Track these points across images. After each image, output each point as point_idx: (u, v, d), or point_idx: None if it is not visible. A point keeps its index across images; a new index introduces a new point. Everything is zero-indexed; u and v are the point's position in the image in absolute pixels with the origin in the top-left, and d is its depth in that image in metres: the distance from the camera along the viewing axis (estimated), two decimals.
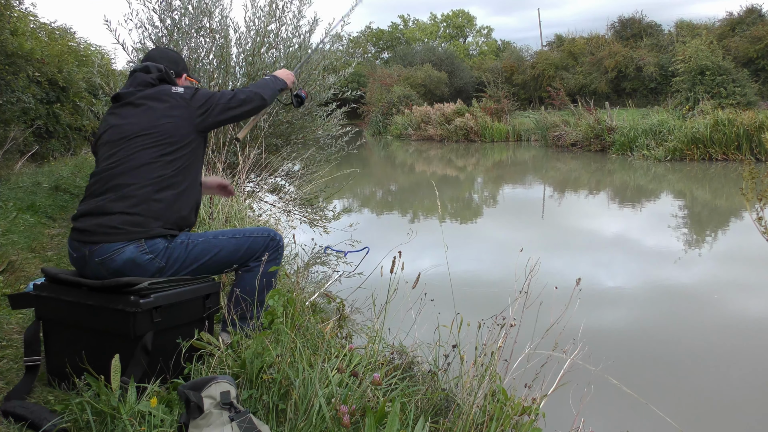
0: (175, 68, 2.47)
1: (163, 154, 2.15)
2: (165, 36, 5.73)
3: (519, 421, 1.85)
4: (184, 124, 2.22)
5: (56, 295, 2.06)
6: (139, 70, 2.38)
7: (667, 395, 2.93)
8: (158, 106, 2.22)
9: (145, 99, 2.25)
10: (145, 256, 2.07)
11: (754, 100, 17.68)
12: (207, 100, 2.28)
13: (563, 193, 10.52)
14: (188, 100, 2.26)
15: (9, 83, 7.03)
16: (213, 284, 2.24)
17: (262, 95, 2.45)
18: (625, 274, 5.12)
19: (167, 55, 2.54)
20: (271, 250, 2.33)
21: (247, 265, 2.31)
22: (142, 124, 2.18)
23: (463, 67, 38.26)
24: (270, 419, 1.78)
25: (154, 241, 2.09)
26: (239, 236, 2.30)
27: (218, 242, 2.25)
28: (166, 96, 2.25)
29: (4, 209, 5.25)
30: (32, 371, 2.06)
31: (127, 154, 2.14)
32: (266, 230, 2.39)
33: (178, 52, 2.71)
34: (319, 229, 6.16)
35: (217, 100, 2.31)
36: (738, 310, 4.18)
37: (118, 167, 2.13)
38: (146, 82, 2.32)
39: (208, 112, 2.27)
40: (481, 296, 4.38)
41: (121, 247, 2.05)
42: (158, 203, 2.11)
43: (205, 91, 2.33)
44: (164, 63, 2.43)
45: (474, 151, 18.51)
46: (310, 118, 6.36)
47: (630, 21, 31.56)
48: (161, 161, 2.15)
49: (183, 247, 2.16)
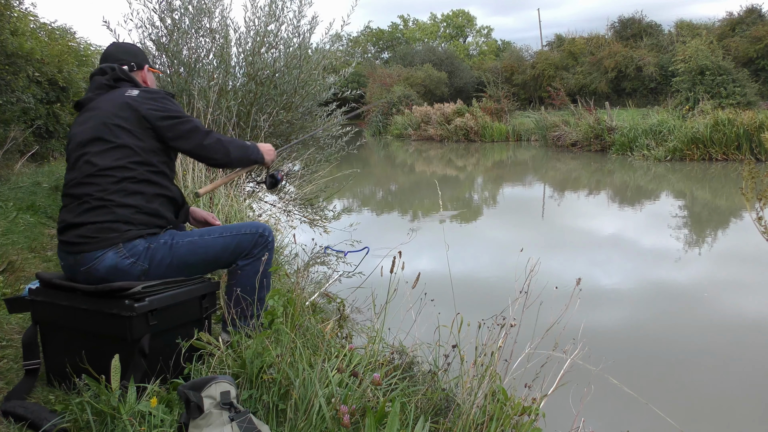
0: (135, 60, 2.35)
1: (125, 157, 2.08)
2: (165, 36, 5.73)
3: (519, 421, 1.85)
4: (139, 129, 2.12)
5: (51, 300, 2.06)
6: (95, 73, 2.29)
7: (668, 395, 2.93)
8: (110, 109, 2.13)
9: (100, 103, 2.17)
10: (125, 261, 2.03)
11: (754, 100, 17.68)
12: (172, 115, 2.17)
13: (563, 193, 10.52)
14: (142, 102, 2.14)
15: (9, 83, 7.03)
16: (209, 284, 2.23)
17: (230, 153, 2.30)
18: (625, 274, 5.12)
19: (124, 49, 2.41)
20: (260, 246, 2.29)
21: (238, 263, 2.26)
22: (96, 129, 2.11)
23: (463, 67, 38.26)
24: (270, 419, 1.78)
25: (132, 243, 2.05)
26: (226, 234, 2.24)
27: (204, 242, 2.20)
28: (120, 98, 2.15)
29: (4, 209, 5.25)
30: (32, 374, 2.06)
31: (87, 161, 2.08)
32: (254, 225, 2.31)
33: (136, 44, 2.57)
34: (319, 229, 6.16)
35: (183, 124, 2.19)
36: (737, 310, 4.18)
37: (81, 176, 2.08)
38: (102, 85, 2.23)
39: (167, 128, 2.16)
40: (481, 296, 4.38)
41: (101, 255, 2.02)
42: (128, 208, 2.06)
43: (174, 107, 2.21)
44: (123, 58, 2.32)
45: (474, 151, 18.51)
46: (310, 118, 6.36)
47: (630, 21, 31.56)
48: (124, 165, 2.07)
49: (167, 248, 2.11)
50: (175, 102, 2.26)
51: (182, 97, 5.51)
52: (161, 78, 5.76)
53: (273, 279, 3.22)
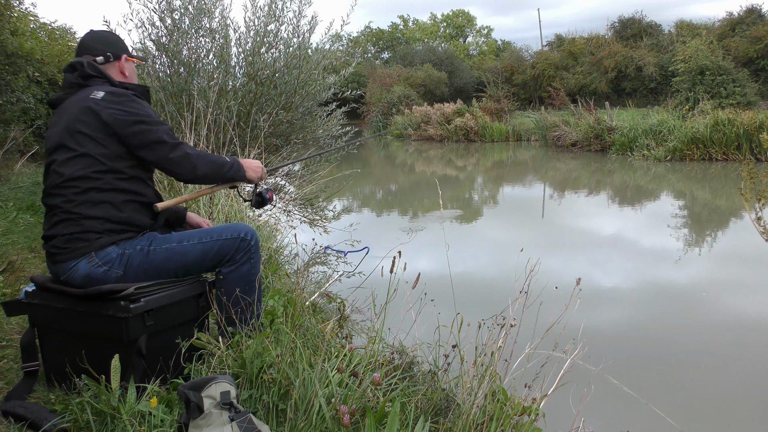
0: (110, 50, 2.17)
1: (88, 167, 1.97)
2: (165, 36, 5.73)
3: (519, 421, 1.85)
4: (102, 134, 1.99)
5: (47, 303, 2.06)
6: (66, 69, 2.13)
7: (668, 395, 2.93)
8: (74, 114, 2.00)
9: (67, 105, 2.05)
10: (98, 269, 1.98)
11: (754, 100, 17.67)
12: (136, 121, 2.01)
13: (563, 193, 10.52)
14: (105, 107, 1.99)
15: (9, 83, 7.03)
16: (204, 283, 2.20)
17: (197, 169, 2.10)
18: (625, 273, 5.12)
19: (99, 38, 2.22)
20: (243, 251, 2.17)
21: (221, 270, 2.17)
22: (61, 136, 2.00)
23: (463, 67, 38.25)
24: (270, 419, 1.78)
25: (104, 251, 1.99)
26: (206, 240, 2.13)
27: (183, 248, 2.09)
28: (83, 101, 2.01)
29: (4, 209, 5.25)
30: (31, 376, 2.06)
31: (54, 170, 2.00)
32: (236, 229, 2.19)
33: (114, 33, 2.37)
34: (319, 229, 6.17)
35: (148, 133, 2.02)
36: (738, 310, 4.18)
37: (50, 186, 2.02)
38: (72, 84, 2.09)
39: (131, 135, 2.01)
40: (481, 296, 4.38)
41: (74, 265, 1.98)
42: (95, 219, 1.98)
43: (140, 110, 2.04)
44: (98, 47, 2.15)
45: (474, 151, 18.50)
46: (310, 118, 6.37)
47: (630, 21, 31.55)
48: (88, 176, 1.97)
49: (143, 254, 2.03)
50: (144, 104, 2.10)
51: (182, 97, 5.51)
52: (161, 77, 5.76)
53: (273, 279, 3.22)
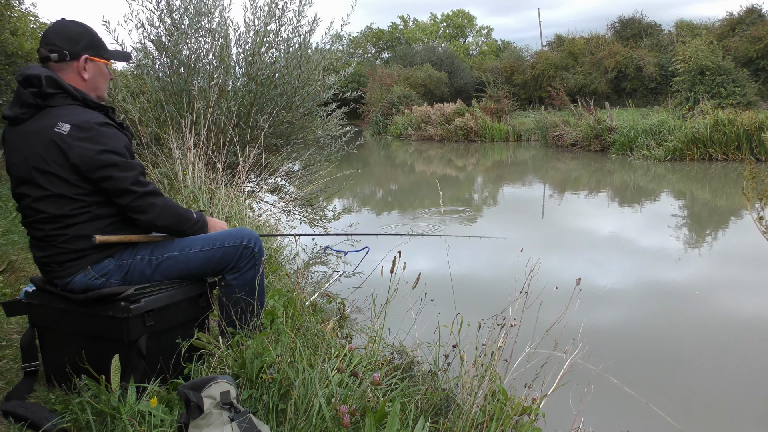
0: (70, 48, 1.92)
1: (64, 206, 1.88)
2: (165, 36, 5.73)
3: (519, 421, 1.85)
4: (72, 174, 1.86)
5: (47, 303, 2.05)
6: (19, 80, 1.90)
7: (668, 395, 2.93)
8: (38, 150, 1.85)
9: (28, 134, 1.88)
10: (96, 281, 1.95)
11: (754, 100, 17.67)
12: (106, 164, 1.86)
13: (563, 193, 10.52)
14: (71, 145, 1.82)
15: (9, 83, 7.03)
16: (204, 283, 2.20)
17: (157, 220, 1.97)
18: (625, 273, 5.12)
19: (63, 32, 1.95)
20: (246, 258, 2.15)
21: (225, 278, 2.16)
22: (28, 171, 1.87)
23: (463, 67, 38.27)
24: (270, 419, 1.78)
25: (100, 265, 1.95)
26: (208, 248, 2.10)
27: (185, 257, 2.07)
28: (47, 134, 1.84)
29: (4, 209, 5.25)
30: (31, 376, 2.06)
31: (27, 205, 1.92)
32: (238, 236, 2.15)
33: (85, 26, 2.01)
34: (319, 229, 6.16)
35: (117, 181, 1.89)
36: (738, 310, 4.17)
37: (25, 219, 1.96)
38: (29, 104, 1.88)
39: (99, 180, 1.88)
40: (481, 296, 4.38)
41: (70, 279, 1.95)
42: (83, 243, 1.92)
43: (111, 147, 1.87)
44: (56, 43, 1.92)
45: (474, 151, 18.51)
46: (310, 118, 6.36)
47: (630, 21, 31.57)
48: (66, 214, 1.89)
49: (144, 263, 2.01)
50: (112, 135, 1.90)
51: (182, 97, 5.51)
52: (161, 77, 5.76)
53: (273, 279, 3.23)
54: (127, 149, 1.96)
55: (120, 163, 1.89)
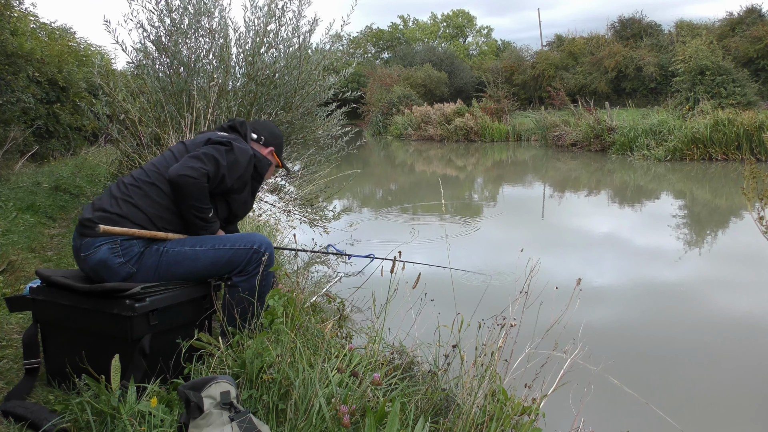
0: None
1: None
2: (165, 36, 5.72)
3: (519, 421, 1.85)
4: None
5: (52, 299, 2.06)
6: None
7: (668, 395, 2.93)
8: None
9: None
10: (116, 259, 2.03)
11: (754, 100, 17.66)
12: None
13: (563, 193, 10.52)
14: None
15: (9, 83, 7.03)
16: (208, 284, 2.21)
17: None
18: (625, 273, 5.12)
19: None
20: (255, 263, 2.18)
21: (231, 279, 2.18)
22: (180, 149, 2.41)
23: (463, 67, 38.26)
24: (270, 419, 1.77)
25: (129, 242, 2.05)
26: (219, 247, 2.15)
27: (194, 253, 2.12)
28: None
29: (4, 209, 5.25)
30: (32, 373, 2.06)
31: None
32: (250, 240, 2.20)
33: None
34: (319, 229, 6.16)
35: (199, 154, 2.20)
36: (738, 310, 4.17)
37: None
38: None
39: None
40: (481, 296, 4.37)
41: (98, 245, 2.03)
42: (149, 212, 2.16)
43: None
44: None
45: (474, 151, 18.50)
46: (310, 119, 6.36)
47: (630, 21, 31.55)
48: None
49: (157, 254, 2.09)
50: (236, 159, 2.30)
51: (182, 97, 5.51)
52: (161, 77, 5.76)
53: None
54: (234, 166, 2.26)
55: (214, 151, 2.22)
